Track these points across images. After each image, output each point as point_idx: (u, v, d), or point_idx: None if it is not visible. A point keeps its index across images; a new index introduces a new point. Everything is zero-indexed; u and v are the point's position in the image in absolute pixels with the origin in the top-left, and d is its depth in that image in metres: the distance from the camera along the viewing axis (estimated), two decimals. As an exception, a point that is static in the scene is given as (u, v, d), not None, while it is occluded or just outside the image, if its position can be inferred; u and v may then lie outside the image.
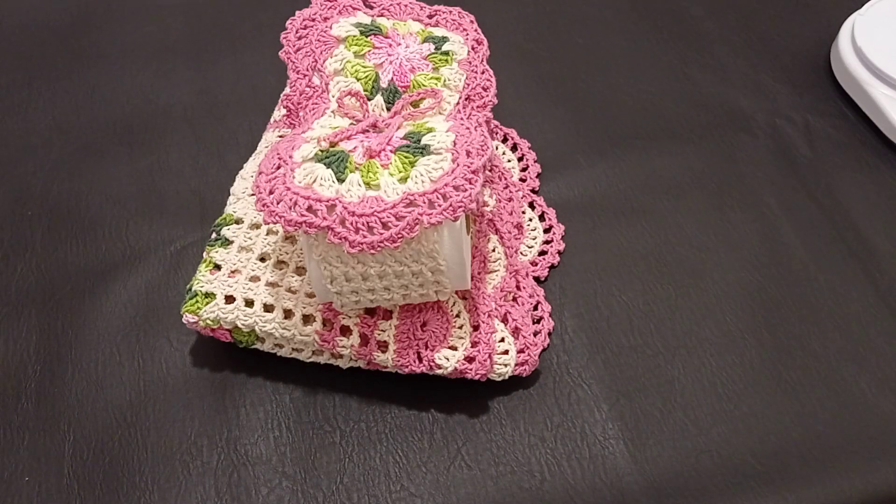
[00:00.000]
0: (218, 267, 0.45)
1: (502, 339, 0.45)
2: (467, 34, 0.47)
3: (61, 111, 0.60)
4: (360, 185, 0.38)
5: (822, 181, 0.54)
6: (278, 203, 0.37)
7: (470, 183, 0.37)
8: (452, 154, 0.38)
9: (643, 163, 0.56)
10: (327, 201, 0.37)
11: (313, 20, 0.46)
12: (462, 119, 0.42)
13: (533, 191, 0.54)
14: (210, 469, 0.43)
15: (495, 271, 0.47)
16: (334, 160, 0.38)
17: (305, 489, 0.42)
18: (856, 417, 0.44)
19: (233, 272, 0.45)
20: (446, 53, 0.45)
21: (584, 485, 0.42)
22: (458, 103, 0.43)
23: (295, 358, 0.45)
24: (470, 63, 0.45)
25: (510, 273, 0.47)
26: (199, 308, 0.44)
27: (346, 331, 0.44)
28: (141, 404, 0.45)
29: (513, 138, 0.56)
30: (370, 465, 0.43)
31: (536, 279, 0.49)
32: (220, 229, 0.47)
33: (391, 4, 0.47)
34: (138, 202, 0.54)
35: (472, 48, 0.46)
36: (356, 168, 0.38)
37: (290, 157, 0.39)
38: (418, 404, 0.45)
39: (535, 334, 0.46)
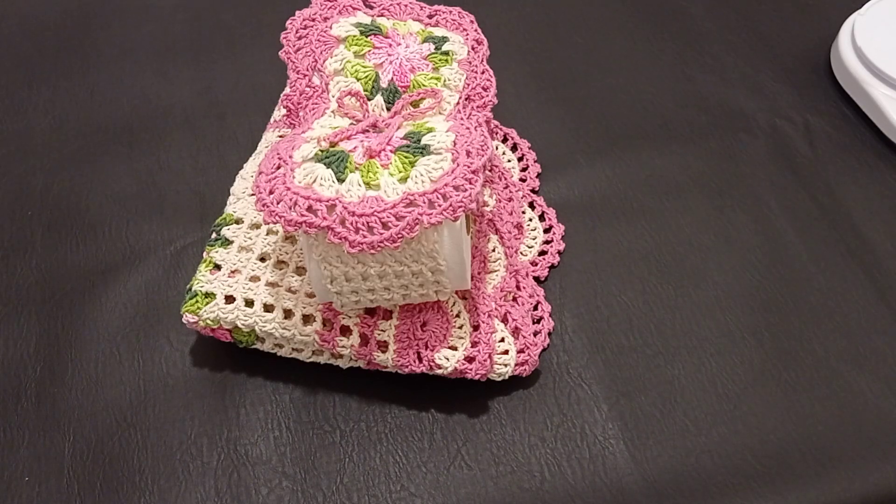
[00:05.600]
0: (218, 267, 0.45)
1: (502, 339, 0.45)
2: (467, 34, 0.47)
3: (61, 111, 0.60)
4: (360, 185, 0.38)
5: (822, 181, 0.54)
6: (278, 203, 0.37)
7: (470, 183, 0.37)
8: (452, 154, 0.38)
9: (643, 163, 0.56)
10: (327, 201, 0.37)
11: (313, 20, 0.46)
12: (462, 119, 0.42)
13: (533, 191, 0.54)
14: (210, 469, 0.43)
15: (495, 271, 0.47)
16: (334, 160, 0.38)
17: (305, 489, 0.42)
18: (856, 417, 0.44)
19: (233, 272, 0.45)
20: (446, 53, 0.45)
21: (584, 485, 0.42)
22: (458, 103, 0.43)
23: (295, 358, 0.45)
24: (470, 63, 0.45)
25: (510, 273, 0.47)
26: (199, 308, 0.44)
27: (346, 331, 0.44)
28: (141, 404, 0.45)
29: (513, 138, 0.56)
30: (370, 465, 0.43)
31: (536, 279, 0.49)
32: (220, 229, 0.47)
33: (391, 4, 0.47)
34: (138, 202, 0.54)
35: (472, 48, 0.46)
36: (356, 168, 0.38)
37: (290, 157, 0.39)
38: (418, 404, 0.45)
39: (535, 334, 0.46)
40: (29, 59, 0.63)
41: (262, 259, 0.45)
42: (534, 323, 0.47)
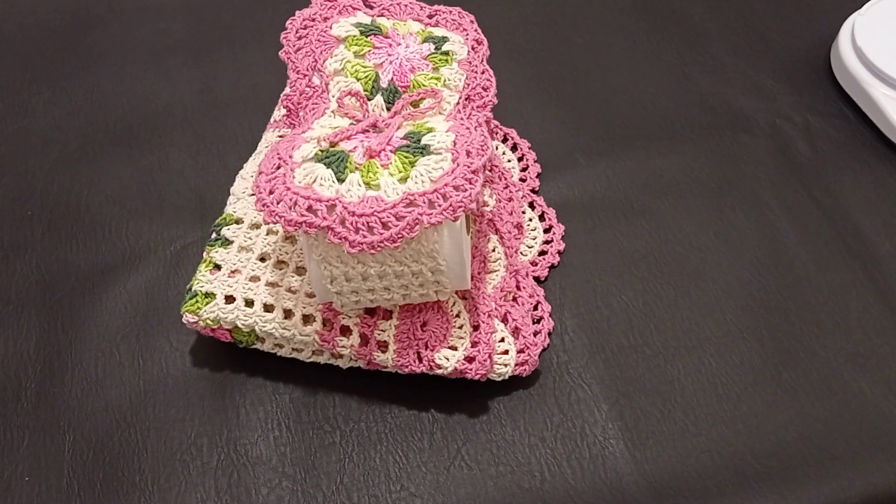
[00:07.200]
0: (218, 267, 0.45)
1: (502, 339, 0.45)
2: (467, 34, 0.47)
3: (61, 111, 0.60)
4: (360, 185, 0.38)
5: (822, 181, 0.54)
6: (278, 203, 0.37)
7: (470, 183, 0.37)
8: (452, 154, 0.38)
9: (643, 163, 0.56)
10: (327, 201, 0.37)
11: (313, 20, 0.46)
12: (462, 119, 0.42)
13: (533, 191, 0.54)
14: (210, 469, 0.43)
15: (495, 271, 0.47)
16: (334, 160, 0.38)
17: (305, 489, 0.42)
18: (856, 417, 0.44)
19: (233, 272, 0.45)
20: (446, 53, 0.45)
21: (584, 485, 0.42)
22: (458, 103, 0.43)
23: (295, 358, 0.45)
24: (470, 63, 0.45)
25: (510, 273, 0.47)
26: (199, 308, 0.44)
27: (346, 331, 0.44)
28: (141, 404, 0.45)
29: (513, 138, 0.56)
30: (370, 465, 0.43)
31: (536, 279, 0.49)
32: (220, 229, 0.47)
33: (391, 4, 0.47)
34: (138, 202, 0.54)
35: (472, 48, 0.46)
36: (356, 168, 0.38)
37: (290, 157, 0.39)
38: (418, 404, 0.45)
39: (535, 334, 0.46)
40: (29, 59, 0.63)
41: (262, 259, 0.45)
42: (534, 323, 0.47)
